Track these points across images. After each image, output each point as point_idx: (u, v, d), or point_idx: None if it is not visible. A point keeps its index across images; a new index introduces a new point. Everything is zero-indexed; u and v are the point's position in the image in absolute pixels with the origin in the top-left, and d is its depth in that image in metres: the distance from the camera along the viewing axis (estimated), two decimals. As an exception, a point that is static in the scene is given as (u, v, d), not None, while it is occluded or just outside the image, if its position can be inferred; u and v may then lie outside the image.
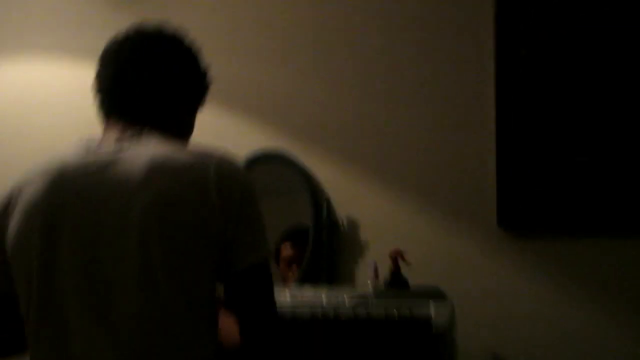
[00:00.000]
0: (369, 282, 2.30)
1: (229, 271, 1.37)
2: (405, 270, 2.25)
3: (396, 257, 2.27)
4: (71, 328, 1.29)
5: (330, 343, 1.89)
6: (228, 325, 1.40)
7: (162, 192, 1.32)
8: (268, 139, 2.62)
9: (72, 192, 1.34)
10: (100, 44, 1.51)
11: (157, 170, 1.33)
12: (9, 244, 1.36)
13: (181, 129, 1.54)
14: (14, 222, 1.35)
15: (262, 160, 2.59)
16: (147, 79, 1.46)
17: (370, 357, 1.88)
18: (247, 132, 2.66)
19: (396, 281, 2.24)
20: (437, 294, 2.11)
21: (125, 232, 1.30)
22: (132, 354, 1.27)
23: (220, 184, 1.34)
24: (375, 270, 2.31)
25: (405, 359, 1.86)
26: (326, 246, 2.45)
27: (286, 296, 2.12)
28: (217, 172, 1.35)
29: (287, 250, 2.56)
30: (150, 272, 1.29)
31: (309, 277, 2.44)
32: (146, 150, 1.37)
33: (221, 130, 2.64)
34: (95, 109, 1.48)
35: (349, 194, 2.54)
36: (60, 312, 1.30)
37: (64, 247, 1.31)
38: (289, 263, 2.54)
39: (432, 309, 1.92)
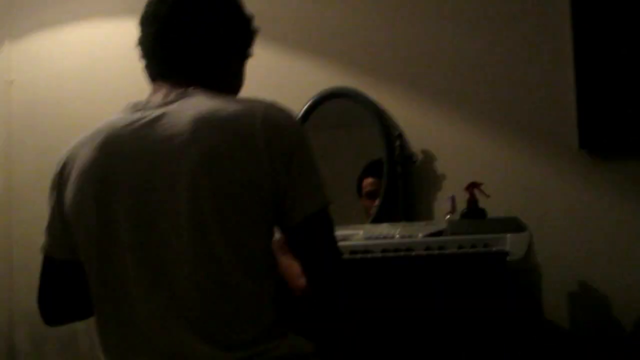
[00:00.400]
0: (447, 217, 2.26)
1: (287, 224, 1.36)
2: (483, 203, 2.20)
3: (472, 190, 2.21)
4: (131, 292, 1.31)
5: (403, 280, 1.87)
6: (296, 271, 1.40)
7: (209, 147, 1.30)
8: (336, 78, 2.57)
9: (121, 153, 1.34)
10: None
11: (203, 124, 1.31)
12: (67, 212, 1.38)
13: (230, 82, 1.52)
14: (69, 190, 1.37)
15: (331, 98, 2.56)
16: (188, 35, 1.43)
17: (444, 293, 1.85)
18: (314, 72, 2.62)
19: (473, 213, 2.19)
20: (515, 226, 2.04)
21: (175, 191, 1.29)
22: (191, 314, 1.28)
23: (268, 133, 1.31)
24: (453, 204, 2.26)
25: (481, 294, 1.82)
26: (401, 180, 2.40)
27: (359, 235, 2.11)
28: (264, 122, 1.32)
29: (368, 185, 2.54)
30: (202, 231, 1.28)
31: (386, 213, 2.42)
32: (192, 104, 1.35)
33: (287, 72, 2.63)
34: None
35: (424, 127, 2.48)
36: (120, 276, 1.32)
37: (118, 211, 1.32)
38: (372, 197, 2.52)
39: (509, 242, 1.87)
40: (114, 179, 1.33)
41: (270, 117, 1.34)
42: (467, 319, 1.82)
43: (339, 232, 2.11)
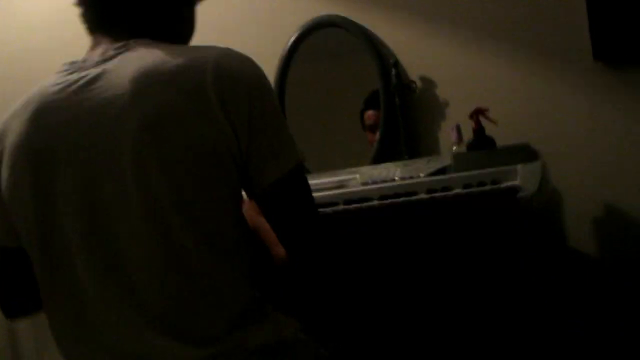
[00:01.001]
0: (453, 148, 2.07)
1: (254, 190, 1.19)
2: (490, 130, 2.00)
3: (478, 116, 2.01)
4: (81, 282, 1.15)
5: (404, 229, 1.70)
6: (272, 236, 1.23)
7: (153, 109, 1.12)
8: (322, 6, 2.34)
9: (55, 124, 1.17)
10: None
11: (145, 82, 1.13)
12: (3, 195, 1.21)
13: (179, 30, 1.33)
14: (3, 171, 1.20)
15: (319, 28, 2.34)
16: None
17: (451, 240, 1.67)
18: (297, 0, 2.40)
19: (480, 143, 1.99)
20: (526, 153, 1.86)
21: (120, 165, 1.12)
22: (150, 305, 1.12)
23: (221, 86, 1.13)
24: (458, 134, 2.07)
25: (494, 236, 1.64)
26: (400, 112, 2.20)
27: (356, 179, 1.93)
28: (215, 73, 1.13)
29: (369, 118, 2.34)
30: (155, 209, 1.11)
31: (387, 149, 2.22)
32: (133, 59, 1.17)
33: (270, 2, 2.41)
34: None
35: (420, 52, 2.25)
36: (66, 265, 1.16)
37: (58, 192, 1.16)
38: (373, 130, 2.32)
39: (520, 175, 1.67)
40: (50, 156, 1.16)
41: (223, 66, 1.15)
42: (481, 266, 1.65)
43: (335, 178, 1.97)
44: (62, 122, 1.16)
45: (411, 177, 1.83)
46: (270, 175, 1.17)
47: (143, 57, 1.17)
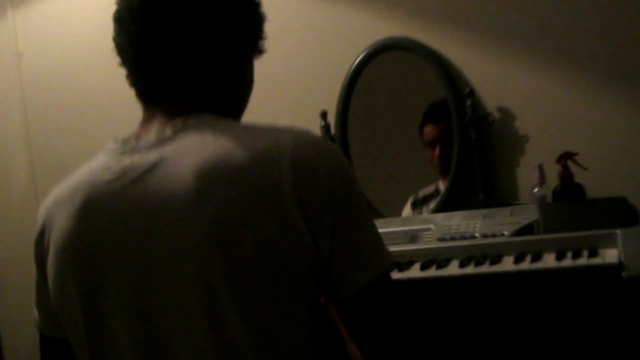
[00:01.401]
0: (535, 190, 1.89)
1: (335, 297, 1.03)
2: (579, 177, 1.81)
3: (566, 161, 1.82)
4: None
5: (488, 299, 1.53)
6: None
7: (219, 214, 0.96)
8: (390, 27, 2.15)
9: (107, 223, 1.02)
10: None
11: (209, 179, 0.97)
12: (51, 295, 1.08)
13: (239, 93, 1.18)
14: (49, 268, 1.07)
15: (386, 50, 2.15)
16: (181, 44, 1.08)
17: (539, 317, 1.50)
18: (369, 19, 2.20)
19: (568, 192, 1.81)
20: (624, 211, 1.67)
21: (180, 275, 0.97)
22: None
23: (299, 186, 0.97)
24: (541, 175, 1.90)
25: (589, 320, 1.46)
26: (475, 146, 2.01)
27: (432, 231, 1.76)
28: (292, 167, 0.98)
29: (429, 133, 2.15)
30: (220, 324, 0.97)
31: (459, 187, 2.04)
32: (195, 146, 1.01)
33: (336, 23, 2.22)
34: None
35: (499, 81, 2.04)
36: None
37: (109, 301, 1.02)
38: (433, 145, 2.14)
39: (620, 243, 1.49)
40: (99, 259, 1.02)
41: (300, 160, 0.98)
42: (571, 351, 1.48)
43: (407, 227, 1.80)
44: (114, 220, 1.01)
45: (494, 235, 1.65)
46: (353, 285, 1.02)
47: (206, 144, 1.02)
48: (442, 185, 2.10)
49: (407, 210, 2.14)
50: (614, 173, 1.89)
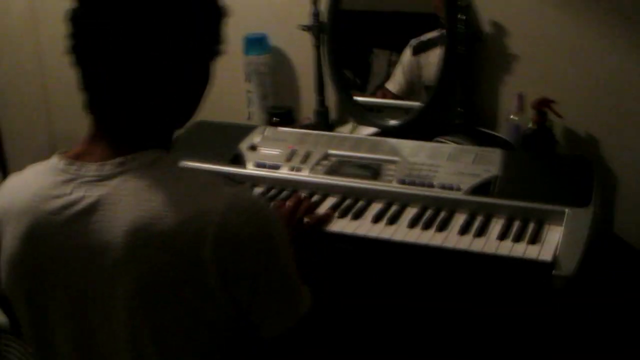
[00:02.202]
0: (510, 117, 1.89)
1: (253, 336, 1.17)
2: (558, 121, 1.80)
3: (541, 107, 1.79)
4: None
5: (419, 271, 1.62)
6: None
7: (146, 274, 1.07)
8: None
9: (50, 251, 1.13)
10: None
11: (139, 240, 1.06)
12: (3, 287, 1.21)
13: (192, 102, 1.21)
14: (2, 270, 1.19)
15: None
16: (126, 74, 1.10)
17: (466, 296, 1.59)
18: None
19: (538, 138, 1.81)
20: (583, 180, 1.68)
21: (111, 315, 1.11)
22: None
23: (222, 256, 1.06)
24: (520, 102, 1.87)
25: (511, 303, 1.55)
26: (463, 63, 1.96)
27: (396, 162, 1.79)
28: (217, 242, 1.05)
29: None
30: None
31: (438, 104, 2.02)
32: (130, 196, 1.08)
33: None
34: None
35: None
36: None
37: (52, 312, 1.16)
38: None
39: (564, 228, 1.54)
40: (46, 285, 1.15)
41: (227, 231, 1.06)
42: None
43: (375, 155, 1.83)
44: (57, 254, 1.12)
45: (451, 188, 1.70)
46: (268, 332, 1.16)
47: (140, 198, 1.08)
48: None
49: (407, 55, 2.14)
50: (592, 115, 1.86)
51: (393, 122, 2.09)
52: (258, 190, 1.83)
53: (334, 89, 2.15)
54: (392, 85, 2.16)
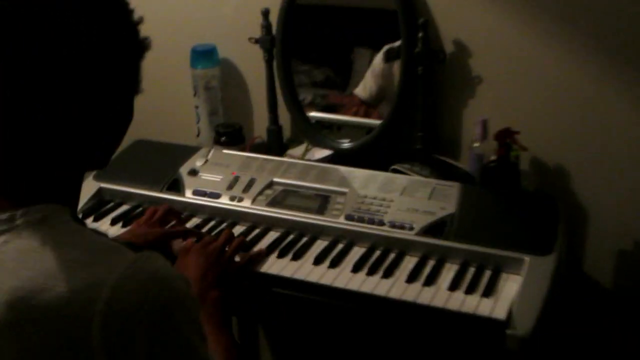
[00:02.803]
0: (474, 145, 1.74)
1: None
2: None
3: (504, 138, 1.64)
4: None
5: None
6: None
7: (27, 354, 0.92)
8: None
9: None
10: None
11: (19, 313, 0.91)
12: None
13: (108, 145, 1.06)
14: None
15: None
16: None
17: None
18: None
19: (500, 171, 1.66)
20: (545, 226, 1.53)
21: None
22: None
23: (111, 339, 0.90)
24: (483, 130, 1.72)
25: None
26: (422, 85, 1.80)
27: (345, 195, 1.64)
28: (105, 318, 0.89)
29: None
30: None
31: (397, 124, 1.87)
32: (14, 264, 0.93)
33: None
34: None
35: (456, 13, 1.78)
36: None
37: None
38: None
39: (522, 279, 1.40)
40: None
41: (117, 306, 0.90)
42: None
43: (323, 185, 1.68)
44: None
45: (402, 227, 1.55)
46: None
47: (21, 267, 0.93)
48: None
49: (378, 60, 1.98)
50: (560, 144, 1.73)
51: (347, 145, 1.93)
52: (196, 221, 1.68)
53: (286, 107, 1.99)
54: (362, 91, 1.99)
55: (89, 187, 1.79)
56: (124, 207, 1.75)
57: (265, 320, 2.16)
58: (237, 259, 1.47)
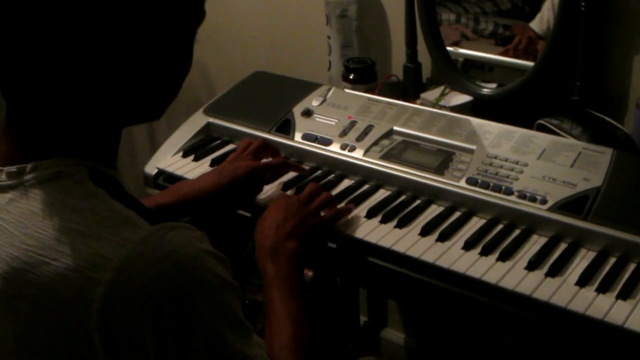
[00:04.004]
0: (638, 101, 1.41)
1: None
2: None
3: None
4: None
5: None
6: None
7: (23, 331, 0.83)
8: None
9: None
10: None
11: (15, 287, 0.81)
12: None
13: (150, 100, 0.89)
14: None
15: None
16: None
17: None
18: None
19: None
20: None
21: None
22: None
23: (111, 328, 0.77)
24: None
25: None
26: (585, 20, 1.47)
27: (468, 162, 1.39)
28: (106, 303, 0.77)
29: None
30: None
31: (550, 70, 1.56)
32: (15, 226, 0.82)
33: None
34: None
35: None
36: None
37: None
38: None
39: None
40: None
41: (121, 291, 0.77)
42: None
43: (447, 139, 1.44)
44: None
45: (533, 198, 1.28)
46: None
47: (21, 233, 0.82)
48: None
49: None
50: None
51: (489, 91, 1.65)
52: (305, 166, 1.50)
53: (424, 40, 1.74)
54: (538, 24, 1.68)
55: (198, 121, 1.66)
56: (229, 147, 1.60)
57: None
58: (322, 213, 1.28)
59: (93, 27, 0.77)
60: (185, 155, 1.57)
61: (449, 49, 1.73)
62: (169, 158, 1.57)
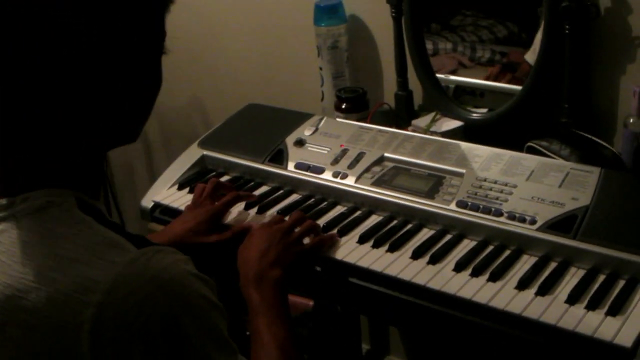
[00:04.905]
0: (630, 120, 1.43)
1: None
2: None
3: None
4: None
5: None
6: None
7: (14, 356, 0.84)
8: None
9: None
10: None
11: (8, 313, 0.83)
12: None
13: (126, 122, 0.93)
14: None
15: None
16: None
17: None
18: None
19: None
20: None
21: None
22: None
23: (102, 351, 0.79)
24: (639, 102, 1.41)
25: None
26: (570, 45, 1.50)
27: (458, 186, 1.40)
28: (96, 325, 0.79)
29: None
30: None
31: (538, 93, 1.58)
32: (5, 260, 0.85)
33: None
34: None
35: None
36: None
37: None
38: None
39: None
40: None
41: (110, 313, 0.79)
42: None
43: (437, 164, 1.46)
44: None
45: (522, 219, 1.30)
46: None
47: (12, 261, 0.84)
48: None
49: None
50: None
51: (478, 116, 1.68)
52: (295, 197, 1.52)
53: (414, 68, 1.76)
54: (531, 57, 1.70)
55: (193, 154, 1.69)
56: (224, 178, 1.62)
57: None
58: (306, 241, 1.30)
59: (64, 46, 0.80)
60: (180, 188, 1.59)
61: (440, 76, 1.76)
62: (164, 191, 1.60)
